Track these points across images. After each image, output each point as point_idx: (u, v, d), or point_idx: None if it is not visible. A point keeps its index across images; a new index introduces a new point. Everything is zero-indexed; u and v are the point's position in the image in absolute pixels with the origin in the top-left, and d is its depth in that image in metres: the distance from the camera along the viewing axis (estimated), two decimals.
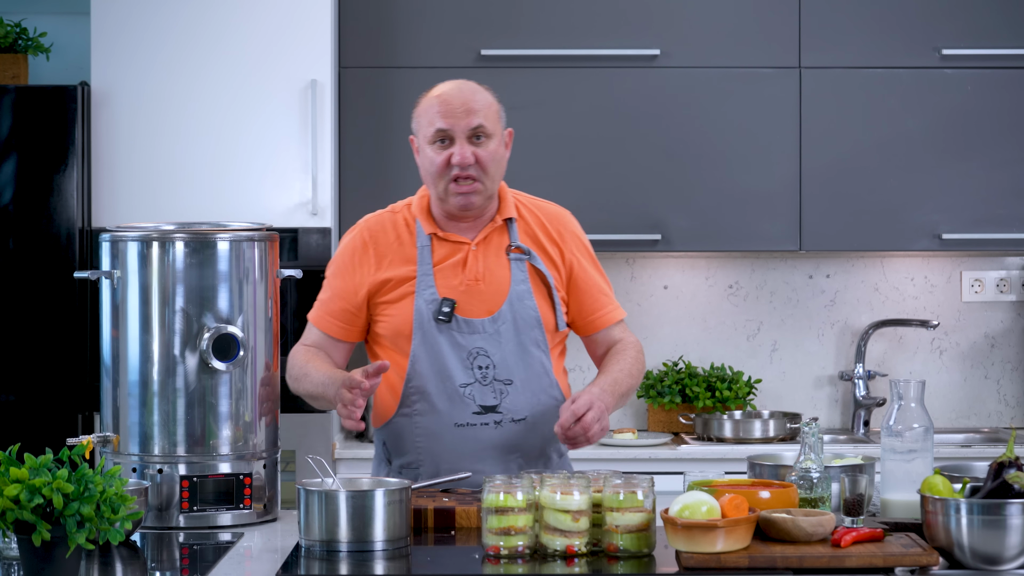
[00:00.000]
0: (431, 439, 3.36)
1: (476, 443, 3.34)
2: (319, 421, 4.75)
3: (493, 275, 3.37)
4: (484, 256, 3.39)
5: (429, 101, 3.38)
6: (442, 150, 3.34)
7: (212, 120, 4.74)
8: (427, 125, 3.36)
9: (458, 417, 3.34)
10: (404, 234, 3.42)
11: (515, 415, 3.35)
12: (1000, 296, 5.36)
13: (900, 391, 3.05)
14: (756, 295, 5.36)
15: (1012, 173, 5.00)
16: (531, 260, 3.39)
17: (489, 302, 3.36)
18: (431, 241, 3.39)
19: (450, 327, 3.34)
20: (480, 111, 3.34)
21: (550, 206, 3.50)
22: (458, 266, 3.37)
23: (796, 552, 2.73)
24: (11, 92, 4.71)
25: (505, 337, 3.34)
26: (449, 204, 3.36)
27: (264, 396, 3.32)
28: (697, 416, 5.02)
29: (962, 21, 4.99)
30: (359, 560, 2.83)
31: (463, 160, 3.31)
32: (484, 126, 3.34)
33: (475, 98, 3.35)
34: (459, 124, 3.33)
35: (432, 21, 4.97)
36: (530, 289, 3.38)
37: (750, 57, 4.99)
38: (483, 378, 3.34)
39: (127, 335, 3.26)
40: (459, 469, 3.32)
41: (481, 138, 3.34)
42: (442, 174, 3.34)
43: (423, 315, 3.34)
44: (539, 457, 3.39)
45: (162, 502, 3.22)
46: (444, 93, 3.37)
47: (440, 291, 3.35)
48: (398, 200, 3.55)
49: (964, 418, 5.37)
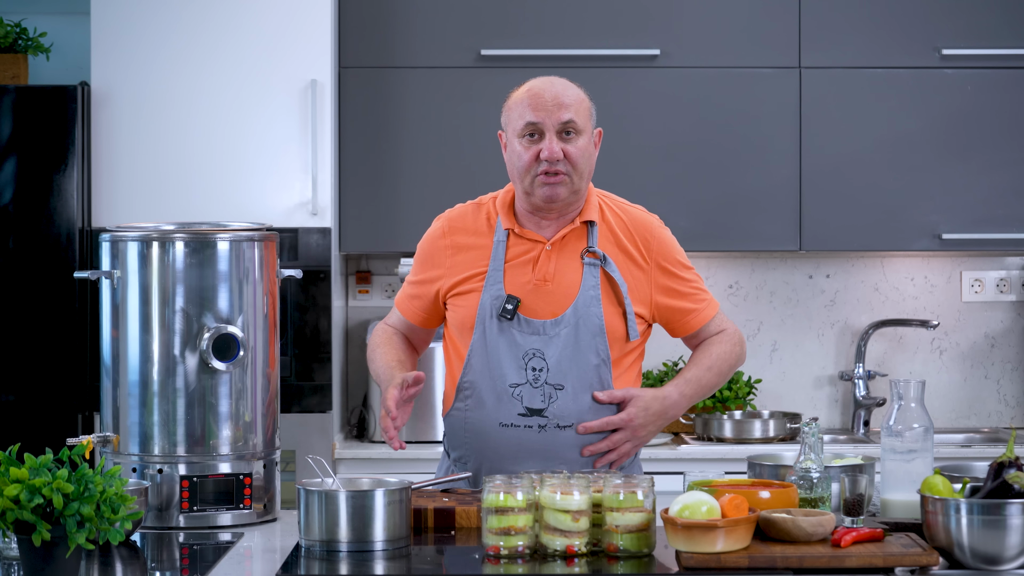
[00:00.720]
0: (476, 436, 3.34)
1: (518, 445, 3.29)
2: (319, 421, 4.75)
3: (563, 277, 3.33)
4: (557, 257, 3.34)
5: (520, 95, 3.34)
6: (531, 144, 3.29)
7: (212, 120, 4.74)
8: (517, 118, 3.31)
9: (503, 417, 3.30)
10: (484, 228, 3.39)
11: (561, 421, 3.29)
12: (1000, 296, 5.36)
13: (900, 391, 3.05)
14: (756, 295, 5.36)
15: (1012, 173, 5.00)
16: (605, 266, 3.33)
17: (555, 304, 3.31)
18: (508, 237, 3.36)
19: (511, 325, 3.30)
20: (571, 106, 3.30)
21: (638, 211, 3.44)
22: (529, 264, 3.34)
23: (796, 552, 2.73)
24: (11, 92, 4.71)
25: (565, 341, 3.29)
26: (535, 197, 3.31)
27: (264, 396, 3.32)
28: (697, 416, 5.02)
29: (962, 21, 4.99)
30: (359, 560, 2.83)
31: (552, 155, 3.26)
32: (575, 121, 3.29)
33: (567, 93, 3.31)
34: (550, 118, 3.28)
35: (432, 21, 4.97)
36: (599, 296, 3.32)
37: (750, 57, 4.99)
38: (535, 380, 3.29)
39: (127, 335, 3.26)
40: (500, 470, 3.24)
41: (571, 133, 3.29)
42: (529, 168, 3.29)
43: (486, 311, 3.32)
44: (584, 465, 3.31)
45: (162, 502, 3.22)
46: (535, 87, 3.33)
47: (507, 288, 3.32)
48: (397, 199, 3.55)
49: (964, 418, 5.37)
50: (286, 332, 4.73)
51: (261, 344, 3.31)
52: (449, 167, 4.96)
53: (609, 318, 3.32)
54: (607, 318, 3.32)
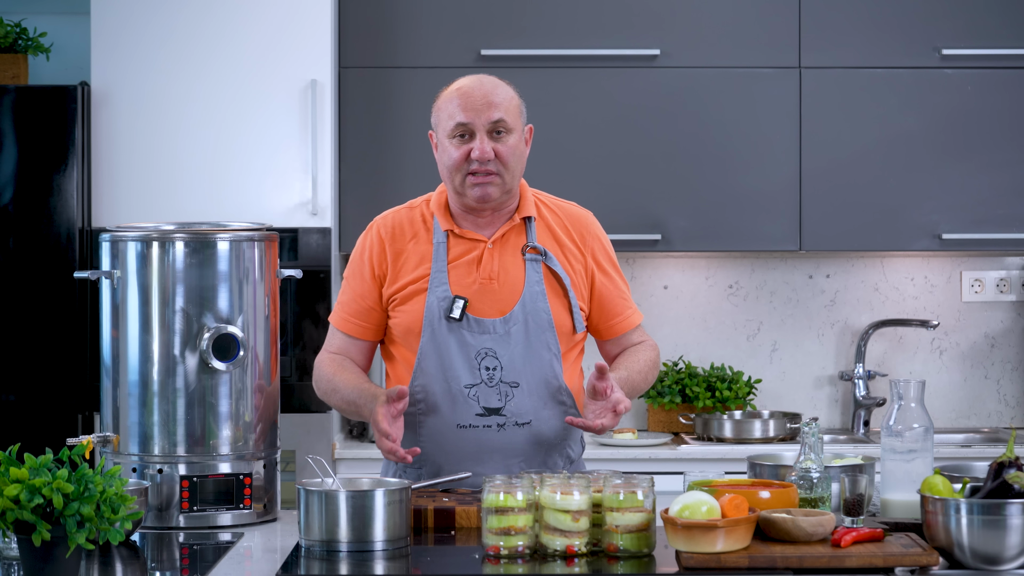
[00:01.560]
0: (433, 440, 3.33)
1: (478, 445, 3.31)
2: (319, 421, 4.75)
3: (508, 275, 3.34)
4: (500, 255, 3.35)
5: (449, 95, 3.33)
6: (461, 144, 3.29)
7: (212, 120, 4.74)
8: (447, 119, 3.31)
9: (461, 418, 3.31)
10: (421, 231, 3.38)
11: (519, 419, 3.31)
12: (1000, 296, 5.36)
13: (900, 391, 3.05)
14: (756, 295, 5.36)
15: (1012, 173, 5.00)
16: (547, 261, 3.35)
17: (502, 302, 3.32)
18: (447, 238, 3.35)
19: (460, 326, 3.31)
20: (501, 105, 3.30)
21: (572, 207, 3.46)
22: (472, 264, 3.34)
23: (796, 552, 2.73)
24: (11, 92, 4.71)
25: (515, 339, 3.31)
26: (466, 197, 3.31)
27: (264, 396, 3.32)
28: (697, 416, 5.02)
29: (962, 21, 4.99)
30: (359, 560, 2.83)
31: (482, 155, 3.26)
32: (504, 120, 3.29)
33: (496, 92, 3.31)
34: (479, 118, 3.28)
35: (432, 21, 4.97)
36: (544, 291, 3.33)
37: (750, 57, 4.99)
38: (489, 379, 3.30)
39: (127, 335, 3.26)
40: (460, 471, 3.29)
41: (501, 132, 3.29)
42: (459, 167, 3.29)
43: (434, 313, 3.31)
44: (543, 463, 3.35)
45: (162, 502, 3.22)
46: (464, 87, 3.33)
47: (453, 289, 3.32)
48: (397, 199, 3.54)
49: (964, 418, 5.37)
50: (286, 332, 4.73)
51: (261, 344, 3.31)
52: None
53: (556, 312, 3.34)
54: (554, 312, 3.34)
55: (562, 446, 3.38)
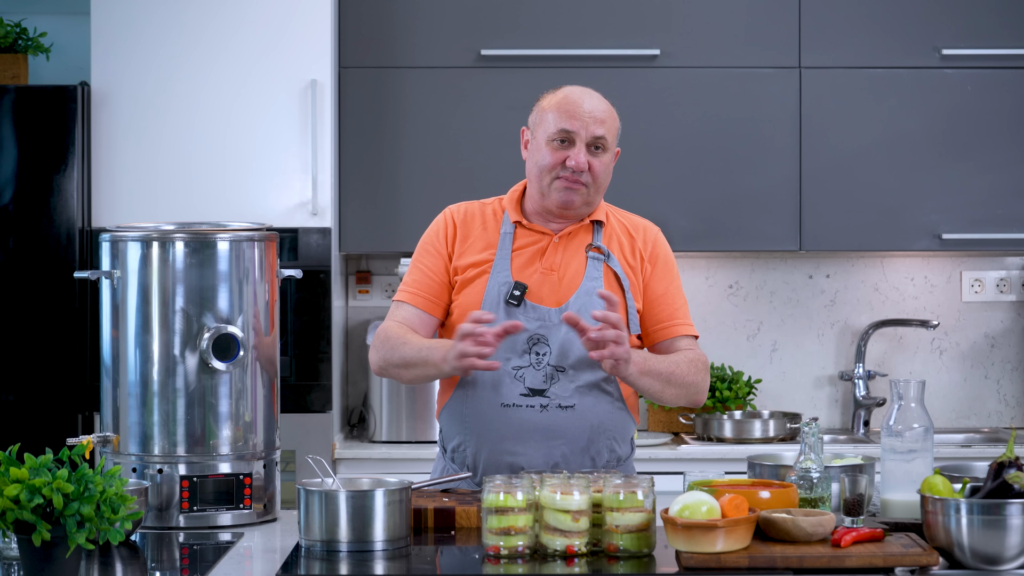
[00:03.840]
0: (477, 418, 3.36)
1: (519, 425, 3.33)
2: (319, 421, 4.75)
3: (568, 268, 3.39)
4: (564, 249, 3.41)
5: (557, 98, 3.39)
6: (559, 149, 3.35)
7: (212, 120, 4.74)
8: (551, 122, 3.36)
9: (505, 397, 3.34)
10: (491, 221, 3.45)
11: (562, 401, 3.34)
12: (1000, 296, 5.36)
13: (900, 391, 3.05)
14: (756, 295, 5.36)
15: (1012, 173, 5.00)
16: (608, 262, 3.40)
17: (559, 292, 3.37)
18: (515, 229, 3.42)
19: (517, 311, 3.35)
20: (605, 122, 3.36)
21: (640, 219, 3.53)
22: (536, 254, 3.39)
23: (796, 552, 2.73)
24: (11, 92, 4.71)
25: (567, 328, 3.32)
26: (550, 200, 3.37)
27: (264, 396, 3.32)
28: (697, 416, 5.02)
29: (962, 21, 4.99)
30: (359, 560, 2.83)
31: (578, 165, 3.33)
32: (605, 138, 3.36)
33: (603, 109, 3.38)
34: (585, 129, 3.34)
35: (432, 21, 4.97)
36: (602, 287, 3.37)
37: (750, 57, 4.99)
38: (537, 363, 3.34)
39: (127, 335, 3.26)
40: (502, 451, 3.31)
41: (599, 149, 3.36)
42: (552, 170, 3.35)
43: (493, 296, 3.36)
44: (585, 449, 3.35)
45: (162, 502, 3.22)
46: (574, 95, 3.38)
47: (514, 275, 3.37)
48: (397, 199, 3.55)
49: (964, 418, 5.37)
50: (286, 332, 4.73)
51: (261, 344, 3.31)
52: (449, 167, 4.96)
53: (611, 310, 3.33)
54: (609, 309, 3.33)
55: (607, 436, 3.38)
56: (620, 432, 3.42)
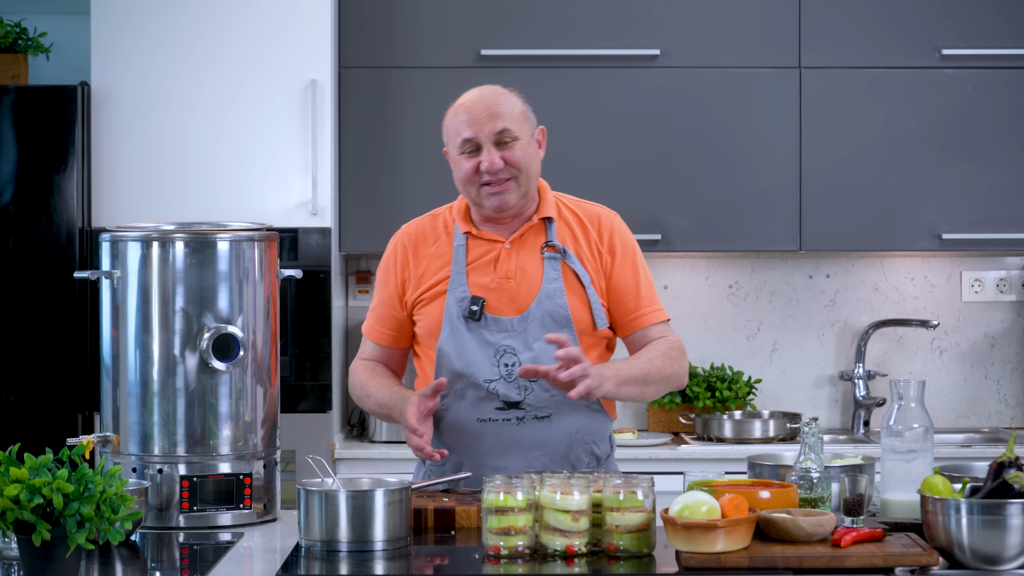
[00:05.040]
0: (455, 434, 3.37)
1: (497, 439, 3.34)
2: (319, 421, 4.75)
3: (524, 273, 3.38)
4: (517, 254, 3.39)
5: (453, 112, 3.39)
6: (471, 158, 3.35)
7: (212, 120, 4.74)
8: (454, 136, 3.37)
9: (481, 412, 3.35)
10: (443, 236, 3.44)
11: (539, 412, 3.34)
12: (1000, 296, 5.36)
13: (900, 391, 3.05)
14: (756, 295, 5.36)
15: (1012, 173, 5.00)
16: (566, 259, 3.38)
17: (519, 300, 3.36)
18: (467, 240, 3.41)
19: (479, 325, 3.35)
20: (503, 115, 3.34)
21: (593, 206, 3.50)
22: (490, 264, 3.38)
23: (796, 552, 2.73)
24: (11, 92, 4.71)
25: (533, 335, 3.33)
26: (484, 208, 3.37)
27: (264, 396, 3.32)
28: (697, 416, 5.02)
29: (962, 21, 4.99)
30: (359, 560, 2.83)
31: (491, 166, 3.32)
32: (509, 129, 3.34)
33: (498, 102, 3.35)
34: (483, 131, 3.33)
35: (432, 21, 4.97)
36: (562, 288, 3.36)
37: (750, 57, 4.99)
38: (508, 375, 3.34)
39: (127, 335, 3.26)
40: (482, 465, 3.33)
41: (508, 141, 3.34)
42: (472, 180, 3.35)
43: (452, 312, 3.36)
44: (564, 456, 3.37)
45: (162, 502, 3.22)
46: (466, 102, 3.38)
47: (471, 289, 3.37)
48: (397, 199, 3.56)
49: (964, 418, 5.37)
50: (286, 332, 4.73)
51: (261, 344, 3.31)
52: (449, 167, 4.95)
53: (574, 308, 3.36)
54: (572, 308, 3.36)
55: (585, 440, 3.39)
56: (598, 434, 3.43)
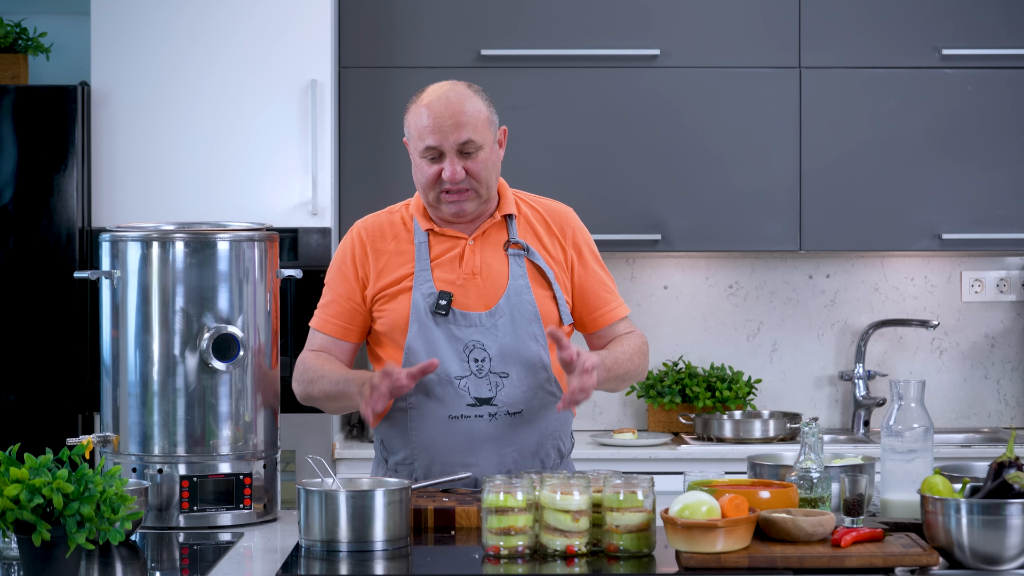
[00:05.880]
0: (425, 432, 3.35)
1: (469, 436, 3.33)
2: (319, 421, 4.75)
3: (491, 270, 3.37)
4: (481, 251, 3.38)
5: (417, 111, 3.33)
6: (432, 164, 3.31)
7: (212, 120, 4.74)
8: (416, 139, 3.33)
9: (452, 409, 3.33)
10: (401, 232, 3.42)
11: (510, 408, 3.33)
12: (1000, 296, 5.36)
13: (900, 391, 3.05)
14: (756, 295, 5.36)
15: (1012, 173, 5.00)
16: (529, 256, 3.39)
17: (487, 296, 3.35)
18: (428, 237, 3.39)
19: (447, 320, 3.33)
20: (468, 124, 3.29)
21: (551, 203, 3.49)
22: (455, 260, 3.37)
23: (796, 552, 2.73)
24: (11, 92, 4.71)
25: (502, 331, 3.33)
26: (442, 212, 3.36)
27: (264, 396, 3.32)
28: (697, 416, 5.02)
29: (962, 21, 4.99)
30: (359, 560, 2.83)
31: (453, 176, 3.29)
32: (473, 140, 3.30)
33: (463, 110, 3.30)
34: (447, 140, 3.29)
35: (432, 21, 4.97)
36: (528, 284, 3.37)
37: (750, 57, 4.99)
38: (479, 371, 3.33)
39: (127, 335, 3.26)
40: (453, 463, 3.32)
41: (471, 152, 3.31)
42: (432, 186, 3.33)
43: (420, 308, 3.34)
44: (535, 453, 3.37)
45: (162, 502, 3.22)
46: (432, 104, 3.31)
47: (438, 285, 3.35)
48: (397, 199, 3.55)
49: (964, 418, 5.37)
50: (286, 332, 4.73)
51: (261, 344, 3.31)
52: None
53: (542, 304, 3.37)
54: (540, 304, 3.37)
55: (553, 437, 3.40)
56: (564, 430, 3.45)
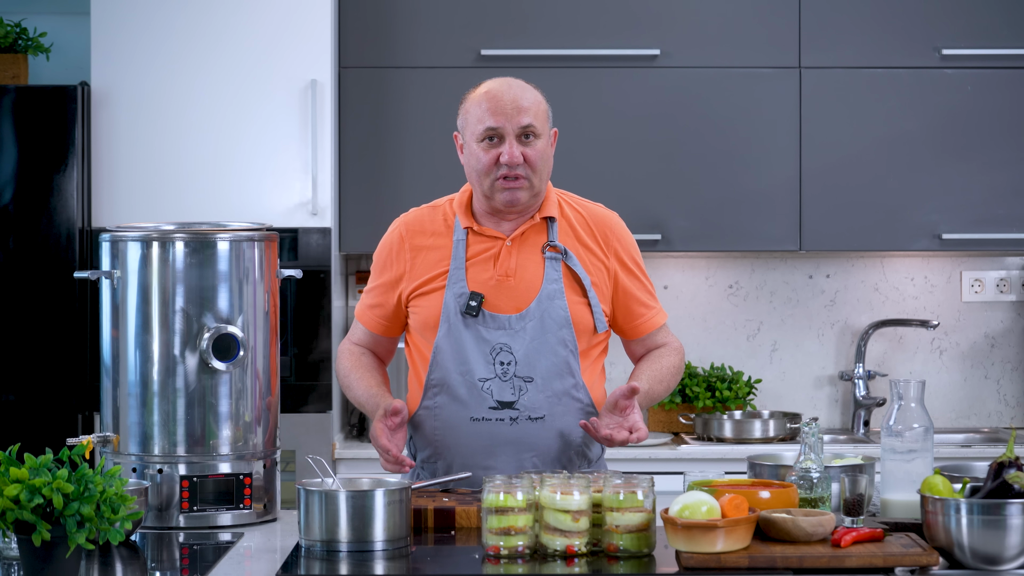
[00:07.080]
0: (447, 432, 3.35)
1: (490, 438, 3.32)
2: (319, 421, 4.75)
3: (525, 272, 3.35)
4: (518, 252, 3.36)
5: (477, 98, 3.34)
6: (490, 148, 3.31)
7: (212, 120, 4.74)
8: (476, 122, 3.32)
9: (474, 411, 3.33)
10: (442, 228, 3.41)
11: (532, 413, 3.32)
12: (1000, 296, 5.36)
13: (900, 391, 3.05)
14: (756, 295, 5.36)
15: (1012, 173, 5.00)
16: (567, 260, 3.36)
17: (518, 299, 3.34)
18: (467, 235, 3.38)
19: (476, 321, 3.32)
20: (530, 109, 3.31)
21: (597, 207, 3.48)
22: (490, 261, 3.36)
23: (796, 552, 2.73)
24: (11, 92, 4.71)
25: (531, 335, 3.32)
26: (495, 200, 3.33)
27: (264, 396, 3.32)
28: (697, 416, 5.02)
29: (962, 21, 4.99)
30: (359, 560, 2.83)
31: (512, 159, 3.28)
32: (534, 125, 3.31)
33: (525, 96, 3.32)
34: (509, 123, 3.29)
35: (432, 21, 4.97)
36: (562, 289, 3.34)
37: (750, 57, 4.99)
38: (503, 374, 3.32)
39: (127, 335, 3.26)
40: (473, 464, 3.31)
41: (530, 137, 3.31)
42: (489, 172, 3.31)
43: (450, 308, 3.34)
44: (556, 459, 3.35)
45: (162, 502, 3.22)
46: (493, 90, 3.33)
47: (470, 285, 3.34)
48: (397, 199, 3.56)
49: (964, 418, 5.37)
50: (286, 332, 4.73)
51: (261, 344, 3.31)
52: (449, 167, 4.95)
53: (574, 309, 3.35)
54: (572, 309, 3.35)
55: (578, 444, 3.38)
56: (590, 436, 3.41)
